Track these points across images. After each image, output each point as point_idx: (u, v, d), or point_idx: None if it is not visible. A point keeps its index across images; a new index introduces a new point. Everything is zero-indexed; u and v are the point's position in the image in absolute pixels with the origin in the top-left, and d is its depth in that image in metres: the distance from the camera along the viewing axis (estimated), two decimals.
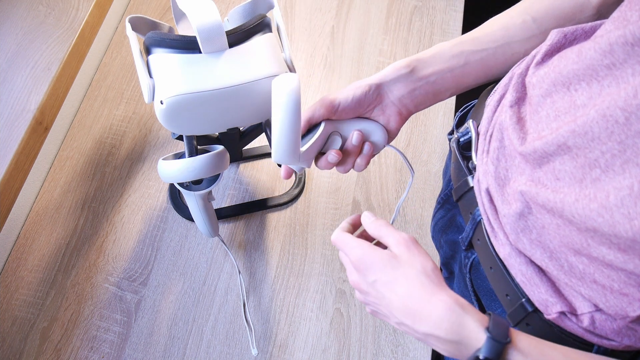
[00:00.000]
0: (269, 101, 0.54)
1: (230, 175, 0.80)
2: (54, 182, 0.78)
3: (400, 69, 0.50)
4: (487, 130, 0.47)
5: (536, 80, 0.41)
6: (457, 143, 0.52)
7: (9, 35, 0.74)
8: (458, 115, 0.60)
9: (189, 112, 0.51)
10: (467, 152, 0.51)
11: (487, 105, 0.49)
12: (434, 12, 0.95)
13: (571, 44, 0.42)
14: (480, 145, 0.48)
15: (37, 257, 0.73)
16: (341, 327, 0.69)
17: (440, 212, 0.62)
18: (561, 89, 0.39)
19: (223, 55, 0.50)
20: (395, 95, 0.51)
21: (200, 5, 0.50)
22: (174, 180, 0.59)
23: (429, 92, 0.52)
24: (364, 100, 0.49)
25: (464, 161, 0.51)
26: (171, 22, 0.89)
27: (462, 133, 0.52)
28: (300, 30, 0.92)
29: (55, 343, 0.68)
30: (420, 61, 0.51)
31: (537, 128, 0.40)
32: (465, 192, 0.50)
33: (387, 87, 0.51)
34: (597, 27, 0.41)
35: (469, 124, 0.51)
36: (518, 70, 0.46)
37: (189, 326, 0.69)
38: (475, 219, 0.48)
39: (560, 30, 0.43)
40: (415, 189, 0.79)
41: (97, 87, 0.86)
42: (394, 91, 0.51)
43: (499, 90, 0.49)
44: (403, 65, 0.51)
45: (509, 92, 0.46)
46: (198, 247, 0.74)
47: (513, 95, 0.45)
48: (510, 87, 0.46)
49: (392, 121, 0.52)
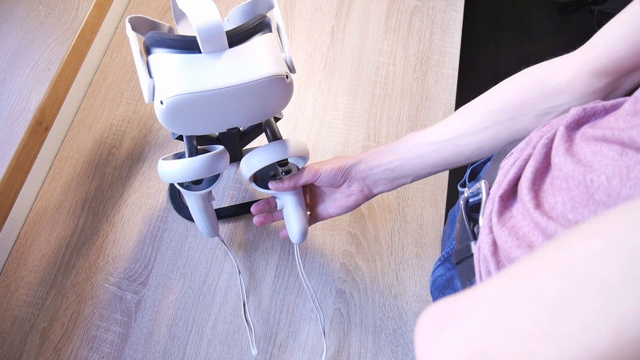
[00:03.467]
0: (269, 101, 0.54)
1: (230, 175, 0.80)
2: (54, 182, 0.78)
3: (370, 155, 0.60)
4: (495, 192, 0.46)
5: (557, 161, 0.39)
6: (466, 203, 0.50)
7: (9, 35, 0.74)
8: (471, 167, 0.60)
9: (189, 112, 0.51)
10: (475, 214, 0.50)
11: (502, 168, 0.48)
12: (434, 12, 0.95)
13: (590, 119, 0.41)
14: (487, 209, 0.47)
15: (37, 257, 0.73)
16: (341, 327, 0.69)
17: (440, 269, 0.61)
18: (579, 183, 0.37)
19: (223, 55, 0.50)
20: (360, 176, 0.60)
21: (200, 5, 0.50)
22: (174, 180, 0.59)
23: (389, 177, 0.60)
24: (337, 174, 0.60)
25: (470, 223, 0.49)
26: (171, 22, 0.89)
27: (473, 193, 0.50)
28: (300, 30, 0.92)
29: (55, 343, 0.68)
30: (385, 150, 0.60)
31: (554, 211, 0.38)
32: (466, 257, 0.48)
33: (356, 167, 0.60)
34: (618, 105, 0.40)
35: (480, 185, 0.49)
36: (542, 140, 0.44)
37: (189, 326, 0.69)
38: None
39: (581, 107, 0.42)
40: (415, 189, 0.79)
41: (97, 87, 0.86)
42: (360, 172, 0.60)
43: (515, 154, 0.48)
44: (372, 152, 0.60)
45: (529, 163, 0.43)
46: (198, 247, 0.74)
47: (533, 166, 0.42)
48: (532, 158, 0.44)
49: (353, 196, 0.62)
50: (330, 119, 0.84)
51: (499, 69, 1.89)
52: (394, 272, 0.73)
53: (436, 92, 0.87)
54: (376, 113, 0.85)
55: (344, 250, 0.74)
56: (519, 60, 1.91)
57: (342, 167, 0.60)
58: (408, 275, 0.73)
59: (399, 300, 0.71)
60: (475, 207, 0.50)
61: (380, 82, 0.88)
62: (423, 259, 0.74)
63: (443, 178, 0.80)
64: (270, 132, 0.63)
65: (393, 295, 0.72)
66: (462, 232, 0.51)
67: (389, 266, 0.73)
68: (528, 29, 1.97)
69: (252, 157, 0.61)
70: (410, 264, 0.74)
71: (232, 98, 0.51)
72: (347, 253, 0.74)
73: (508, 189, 0.44)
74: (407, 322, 0.70)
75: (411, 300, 0.71)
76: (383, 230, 0.76)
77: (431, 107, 0.85)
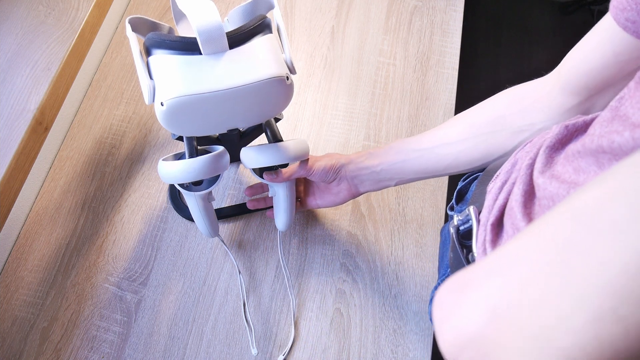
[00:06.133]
0: (269, 102, 0.54)
1: (230, 176, 0.80)
2: (54, 182, 0.78)
3: (360, 156, 0.64)
4: (487, 219, 0.46)
5: (542, 182, 0.40)
6: (457, 231, 0.50)
7: (9, 35, 0.74)
8: (458, 188, 0.62)
9: (189, 114, 0.51)
10: (467, 241, 0.50)
11: (489, 192, 0.48)
12: (434, 12, 0.95)
13: (572, 136, 0.42)
14: (480, 237, 0.46)
15: (37, 257, 0.73)
16: (341, 327, 0.70)
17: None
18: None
19: (223, 56, 0.50)
20: (349, 175, 0.64)
21: (200, 6, 0.50)
22: (174, 181, 0.59)
23: (374, 179, 0.63)
24: (329, 171, 0.64)
25: (463, 251, 0.49)
26: (171, 23, 0.89)
27: (462, 221, 0.50)
28: (300, 31, 0.92)
29: (55, 343, 0.68)
30: (373, 153, 0.63)
31: None
32: None
33: (347, 167, 0.64)
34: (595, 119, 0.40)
35: (469, 212, 0.49)
36: (525, 161, 0.44)
37: (189, 326, 0.69)
38: None
39: (563, 124, 0.43)
40: (415, 188, 0.79)
41: (97, 87, 0.86)
42: (350, 172, 0.64)
43: (500, 176, 0.48)
44: (363, 153, 0.64)
45: (516, 185, 0.43)
46: (198, 247, 0.74)
47: (520, 187, 0.42)
48: (517, 177, 0.44)
49: (341, 193, 0.66)
50: (330, 119, 0.84)
51: (499, 68, 1.89)
52: (394, 272, 0.73)
53: (436, 92, 0.87)
54: (376, 113, 0.85)
55: (344, 250, 0.74)
56: (519, 61, 1.91)
57: (334, 166, 0.64)
58: (408, 275, 0.73)
59: (399, 300, 0.71)
60: (466, 234, 0.49)
61: (380, 82, 0.88)
62: (423, 259, 0.74)
63: (443, 178, 0.80)
64: (270, 133, 0.63)
65: (393, 295, 0.72)
66: (456, 260, 0.51)
67: (389, 266, 0.73)
68: (528, 29, 1.97)
69: (253, 155, 0.61)
70: (410, 264, 0.74)
71: (232, 99, 0.51)
72: (347, 253, 0.74)
73: (499, 215, 0.44)
74: (407, 322, 0.70)
75: (411, 300, 0.71)
76: (383, 230, 0.76)
77: (431, 107, 0.86)
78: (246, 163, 0.62)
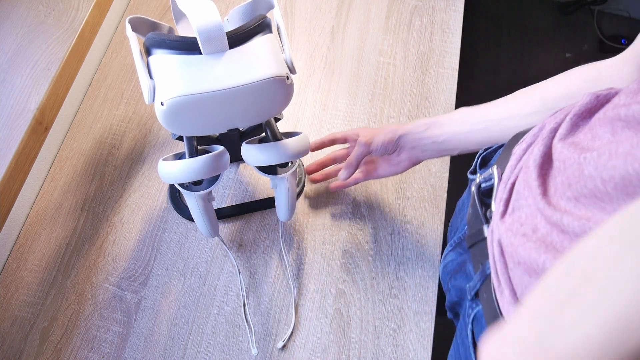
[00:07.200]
0: (269, 102, 0.54)
1: (230, 175, 0.80)
2: (54, 182, 0.78)
3: (419, 126, 0.63)
4: (508, 178, 0.47)
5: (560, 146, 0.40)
6: (478, 189, 0.51)
7: (9, 35, 0.74)
8: (481, 154, 0.61)
9: (189, 114, 0.51)
10: (487, 199, 0.51)
11: (514, 154, 0.49)
12: (434, 12, 0.95)
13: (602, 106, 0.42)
14: (499, 194, 0.47)
15: (37, 257, 0.73)
16: (341, 327, 0.70)
17: (451, 255, 0.61)
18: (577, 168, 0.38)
19: (223, 56, 0.50)
20: (410, 145, 0.64)
21: (200, 5, 0.50)
22: (174, 181, 0.59)
23: (436, 149, 0.63)
24: (388, 144, 0.65)
25: (482, 208, 0.50)
26: (171, 23, 0.89)
27: (485, 179, 0.51)
28: (300, 31, 0.92)
29: (55, 343, 0.68)
30: (435, 122, 0.63)
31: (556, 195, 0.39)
32: (479, 241, 0.49)
33: (406, 138, 0.64)
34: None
35: (492, 171, 0.50)
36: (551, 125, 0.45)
37: (189, 326, 0.69)
38: (485, 272, 0.47)
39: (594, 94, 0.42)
40: (415, 188, 0.79)
41: (97, 87, 0.86)
42: (410, 142, 0.64)
43: (527, 139, 0.48)
44: (422, 123, 0.63)
45: (536, 147, 0.44)
46: (198, 247, 0.74)
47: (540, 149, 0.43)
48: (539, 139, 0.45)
49: (402, 163, 0.67)
50: (330, 119, 0.84)
51: (499, 68, 1.89)
52: (394, 272, 0.73)
53: (436, 92, 0.87)
54: (376, 113, 0.85)
55: (344, 250, 0.74)
56: (519, 60, 1.91)
57: (393, 139, 0.64)
58: (408, 275, 0.73)
59: (399, 300, 0.71)
60: (487, 192, 0.51)
61: (380, 82, 0.88)
62: (423, 259, 0.74)
63: (443, 178, 0.80)
64: (270, 133, 0.63)
65: (393, 295, 0.72)
66: (474, 216, 0.52)
67: (389, 266, 0.73)
68: (528, 29, 1.97)
69: (254, 153, 0.61)
70: (410, 264, 0.74)
71: (232, 99, 0.51)
72: (347, 253, 0.74)
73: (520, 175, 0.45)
74: (407, 322, 0.70)
75: (411, 300, 0.71)
76: (383, 230, 0.76)
77: (431, 107, 0.86)
78: (247, 160, 0.63)
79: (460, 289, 0.57)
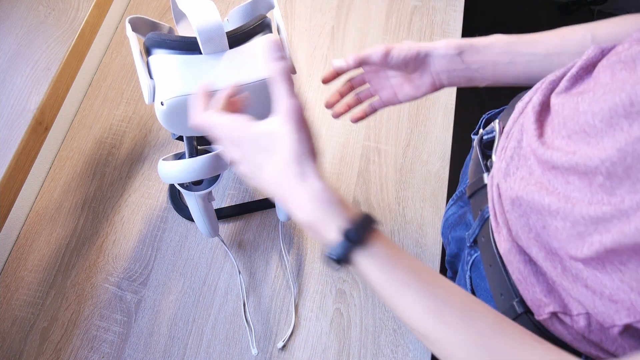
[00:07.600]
0: (269, 102, 0.54)
1: (230, 176, 0.80)
2: (54, 182, 0.78)
3: (450, 47, 0.54)
4: (510, 129, 0.49)
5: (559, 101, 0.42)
6: (480, 140, 0.54)
7: (9, 35, 0.74)
8: (485, 118, 0.62)
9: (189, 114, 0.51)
10: (489, 150, 0.53)
11: (516, 108, 0.51)
12: (434, 12, 0.95)
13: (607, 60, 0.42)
14: (501, 144, 0.50)
15: (37, 257, 0.73)
16: (341, 327, 0.70)
17: (452, 209, 0.63)
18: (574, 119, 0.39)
19: (223, 56, 0.50)
20: (436, 68, 0.55)
21: (200, 6, 0.50)
22: (174, 181, 0.59)
23: (466, 77, 0.55)
24: (410, 62, 0.55)
25: (484, 159, 0.52)
26: (171, 23, 0.89)
27: (487, 132, 0.53)
28: (300, 31, 0.92)
29: (55, 343, 0.68)
30: (471, 47, 0.54)
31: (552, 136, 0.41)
32: (479, 188, 0.51)
33: (433, 58, 0.55)
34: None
35: (494, 124, 0.52)
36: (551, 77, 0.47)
37: (189, 326, 0.69)
38: (483, 216, 0.50)
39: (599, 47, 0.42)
40: (415, 188, 0.79)
41: (97, 87, 0.86)
42: (436, 64, 0.55)
43: (529, 93, 0.50)
44: (454, 45, 0.54)
45: (535, 95, 0.46)
46: (198, 247, 0.74)
47: (539, 98, 0.45)
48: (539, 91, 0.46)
49: (423, 87, 0.57)
50: (330, 119, 0.84)
51: None
52: None
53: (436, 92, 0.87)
54: (376, 113, 0.85)
55: None
56: None
57: (415, 55, 0.54)
58: None
59: None
60: (488, 144, 0.52)
61: None
62: (423, 258, 0.74)
63: (443, 178, 0.80)
64: None
65: None
66: (475, 167, 0.54)
67: None
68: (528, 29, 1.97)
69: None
70: None
71: None
72: None
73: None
74: None
75: None
76: (383, 230, 0.76)
77: (431, 107, 0.85)
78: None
79: (460, 239, 0.59)
